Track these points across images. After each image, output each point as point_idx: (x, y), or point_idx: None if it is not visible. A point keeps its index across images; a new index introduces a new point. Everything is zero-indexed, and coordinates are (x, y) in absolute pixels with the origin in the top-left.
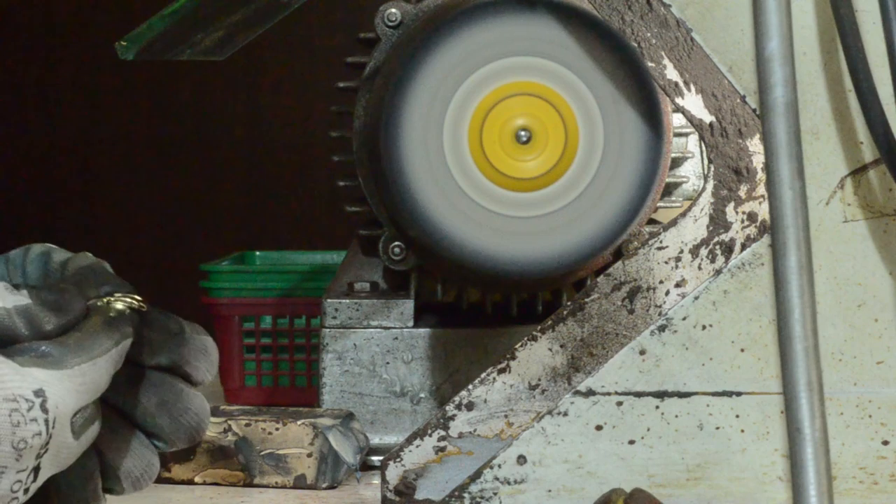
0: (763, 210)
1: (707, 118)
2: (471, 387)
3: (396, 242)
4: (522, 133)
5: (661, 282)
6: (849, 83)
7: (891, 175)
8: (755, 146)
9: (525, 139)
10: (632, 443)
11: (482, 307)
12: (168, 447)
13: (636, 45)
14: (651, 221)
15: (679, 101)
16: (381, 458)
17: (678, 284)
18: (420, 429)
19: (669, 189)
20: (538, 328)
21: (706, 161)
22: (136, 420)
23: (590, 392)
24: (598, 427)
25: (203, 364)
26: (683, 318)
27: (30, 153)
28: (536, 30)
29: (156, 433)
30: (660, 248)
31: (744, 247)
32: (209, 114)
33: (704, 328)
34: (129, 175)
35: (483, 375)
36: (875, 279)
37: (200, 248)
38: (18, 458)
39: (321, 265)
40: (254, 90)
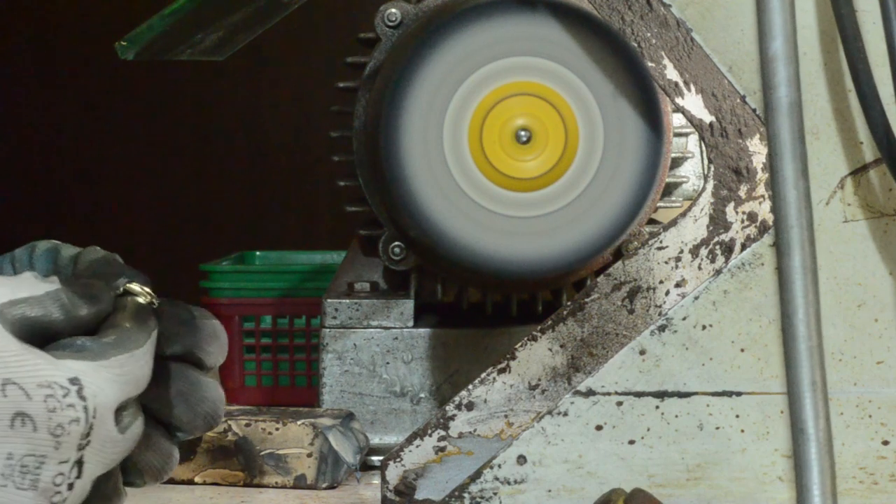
0: (763, 210)
1: (707, 118)
2: (471, 387)
3: (396, 242)
4: (522, 133)
5: (661, 282)
6: (849, 83)
7: (891, 175)
8: (755, 146)
9: (525, 139)
10: (632, 443)
11: (482, 307)
12: (186, 436)
13: (636, 45)
14: (651, 221)
15: (679, 101)
16: (381, 458)
17: (678, 284)
18: (420, 429)
19: (669, 189)
20: (538, 328)
21: (706, 161)
22: (155, 412)
23: (590, 392)
24: (598, 427)
25: (214, 348)
26: (683, 318)
27: (30, 153)
28: (536, 30)
29: (174, 424)
30: (660, 248)
31: (744, 247)
32: (209, 114)
33: (704, 328)
34: (129, 175)
35: (483, 375)
36: (875, 279)
37: (200, 248)
38: (57, 447)
39: (321, 265)
40: (254, 90)
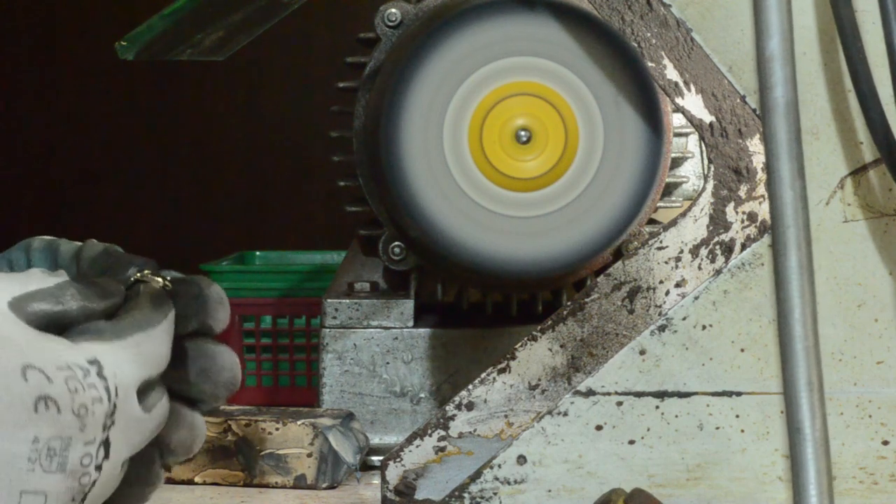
0: (763, 210)
1: (707, 118)
2: (471, 387)
3: (396, 242)
4: (522, 133)
5: (661, 282)
6: (849, 83)
7: (891, 175)
8: (755, 146)
9: (525, 139)
10: (632, 443)
11: (482, 307)
12: (209, 407)
13: (636, 45)
14: (651, 221)
15: (679, 101)
16: (381, 458)
17: (678, 284)
18: (420, 429)
19: (669, 189)
20: (538, 328)
21: (706, 161)
22: (180, 391)
23: (590, 392)
24: (598, 427)
25: (222, 314)
26: (683, 318)
27: (30, 153)
28: (536, 30)
29: (199, 398)
30: (660, 248)
31: (744, 247)
32: (209, 114)
33: (704, 328)
34: (129, 175)
35: (483, 375)
36: (875, 279)
37: (200, 248)
38: (83, 428)
39: (321, 265)
40: (254, 90)
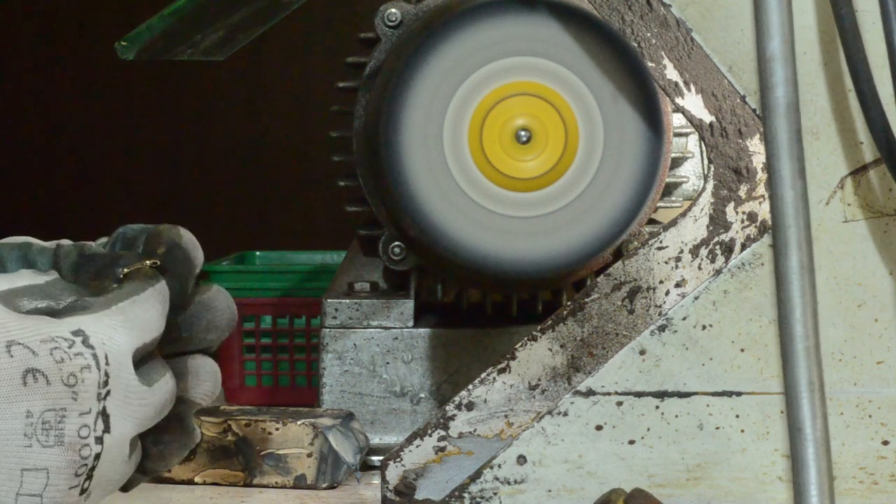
0: (763, 210)
1: (707, 118)
2: (471, 387)
3: (396, 242)
4: (522, 133)
5: (661, 282)
6: (849, 83)
7: (891, 175)
8: (755, 146)
9: (525, 139)
10: (632, 443)
11: (482, 307)
12: (216, 347)
13: (636, 45)
14: (651, 221)
15: (679, 101)
16: (381, 458)
17: (678, 284)
18: (420, 429)
19: (669, 189)
20: (538, 328)
21: (706, 161)
22: (193, 349)
23: (590, 392)
24: (598, 427)
25: (197, 253)
26: (683, 318)
27: (30, 153)
28: (536, 30)
29: (209, 346)
30: (660, 248)
31: (744, 247)
32: (209, 114)
33: (704, 328)
34: (129, 175)
35: (483, 375)
36: (875, 279)
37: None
38: (75, 397)
39: (321, 265)
40: (254, 90)
